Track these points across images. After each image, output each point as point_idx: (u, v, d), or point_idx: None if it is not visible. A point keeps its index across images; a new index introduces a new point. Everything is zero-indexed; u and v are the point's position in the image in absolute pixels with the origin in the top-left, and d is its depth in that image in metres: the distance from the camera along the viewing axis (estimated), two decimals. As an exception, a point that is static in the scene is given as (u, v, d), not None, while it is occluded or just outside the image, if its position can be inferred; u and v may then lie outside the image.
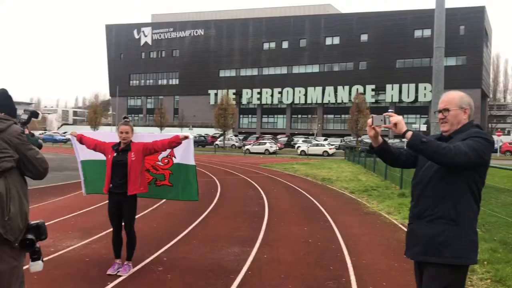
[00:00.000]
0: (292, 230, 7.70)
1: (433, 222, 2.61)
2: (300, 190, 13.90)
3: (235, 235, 7.13)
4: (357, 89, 63.40)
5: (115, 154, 4.95)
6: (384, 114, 2.72)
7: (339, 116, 70.00)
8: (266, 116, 75.49)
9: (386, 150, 2.92)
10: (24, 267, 2.84)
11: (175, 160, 5.60)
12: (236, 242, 6.67)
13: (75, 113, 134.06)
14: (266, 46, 74.51)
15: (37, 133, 62.08)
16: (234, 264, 5.50)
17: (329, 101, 69.16)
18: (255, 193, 12.72)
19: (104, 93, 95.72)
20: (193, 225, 7.86)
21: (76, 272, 5.02)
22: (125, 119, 5.11)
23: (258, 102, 73.56)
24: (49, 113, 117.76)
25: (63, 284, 4.58)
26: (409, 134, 2.59)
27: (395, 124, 2.65)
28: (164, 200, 10.38)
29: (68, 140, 56.84)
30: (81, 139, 5.30)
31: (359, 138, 50.69)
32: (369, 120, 2.78)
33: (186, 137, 5.13)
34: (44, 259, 5.37)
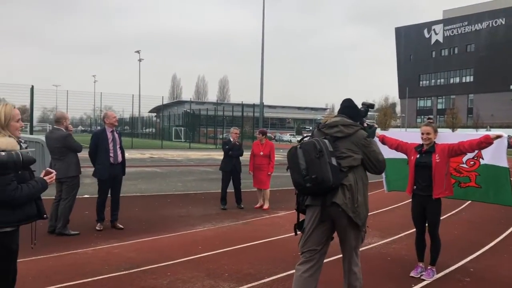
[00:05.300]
0: None
1: None
2: None
3: (558, 255, 6.00)
4: None
5: (418, 156, 4.87)
6: None
7: None
8: None
9: None
10: None
11: (483, 162, 5.13)
12: (561, 263, 5.60)
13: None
14: None
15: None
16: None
17: None
18: None
19: (393, 95, 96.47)
20: (502, 236, 7.02)
21: (379, 269, 5.20)
22: (429, 120, 5.01)
23: None
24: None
25: (369, 279, 4.79)
26: None
27: None
28: (463, 206, 9.70)
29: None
30: (383, 140, 5.36)
31: None
32: None
33: (498, 136, 4.61)
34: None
